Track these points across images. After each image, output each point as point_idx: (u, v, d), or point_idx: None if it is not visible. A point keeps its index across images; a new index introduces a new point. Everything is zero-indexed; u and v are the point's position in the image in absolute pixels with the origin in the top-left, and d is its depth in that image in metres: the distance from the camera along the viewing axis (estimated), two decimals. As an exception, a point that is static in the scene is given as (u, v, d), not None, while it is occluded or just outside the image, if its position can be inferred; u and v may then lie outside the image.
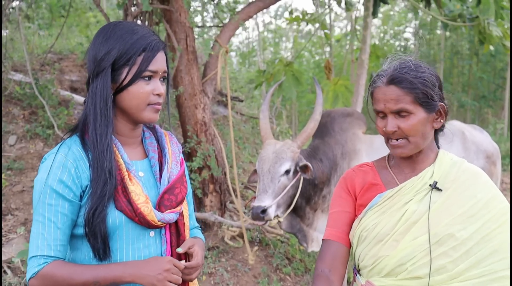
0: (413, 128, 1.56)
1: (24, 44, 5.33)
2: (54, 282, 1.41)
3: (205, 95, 4.78)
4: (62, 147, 1.49)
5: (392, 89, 1.56)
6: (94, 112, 1.48)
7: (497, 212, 1.56)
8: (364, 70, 5.73)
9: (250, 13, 4.98)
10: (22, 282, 3.55)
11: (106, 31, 1.52)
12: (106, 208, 1.44)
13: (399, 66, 1.60)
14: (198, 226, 1.86)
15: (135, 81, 1.49)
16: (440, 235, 1.52)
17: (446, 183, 1.59)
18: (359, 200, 1.68)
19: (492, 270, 1.50)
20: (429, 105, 1.57)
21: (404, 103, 1.54)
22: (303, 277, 4.58)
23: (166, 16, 4.51)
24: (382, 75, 1.60)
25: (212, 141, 4.80)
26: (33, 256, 1.42)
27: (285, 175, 3.37)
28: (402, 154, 1.61)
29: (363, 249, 1.63)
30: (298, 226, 3.71)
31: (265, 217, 3.25)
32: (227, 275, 4.23)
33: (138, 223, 1.50)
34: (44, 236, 1.42)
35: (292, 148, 3.41)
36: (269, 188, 3.31)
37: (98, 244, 1.44)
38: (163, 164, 1.63)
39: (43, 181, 1.44)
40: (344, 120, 3.83)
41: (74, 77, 6.60)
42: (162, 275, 1.43)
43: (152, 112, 1.54)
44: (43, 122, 5.27)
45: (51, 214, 1.43)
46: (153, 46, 1.51)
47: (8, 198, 4.33)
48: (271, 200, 3.28)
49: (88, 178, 1.47)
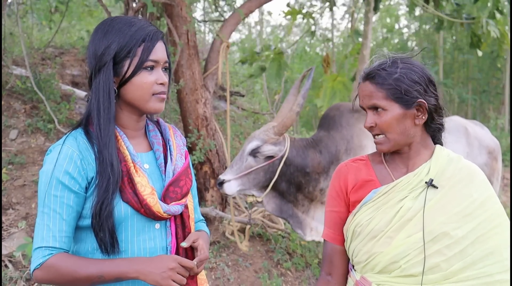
0: (388, 124, 1.56)
1: (22, 38, 5.32)
2: (58, 274, 1.41)
3: (206, 89, 4.77)
4: (68, 138, 1.50)
5: (366, 85, 1.59)
6: (97, 107, 1.48)
7: (492, 213, 1.55)
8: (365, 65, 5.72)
9: (251, 7, 4.97)
10: (24, 276, 3.55)
11: (104, 26, 1.53)
12: (112, 201, 1.44)
13: (378, 63, 1.61)
14: (203, 219, 1.86)
15: (137, 72, 1.50)
16: (434, 233, 1.51)
17: (442, 181, 1.57)
18: (353, 197, 1.67)
19: (486, 272, 1.49)
20: (404, 101, 1.55)
21: (376, 99, 1.56)
22: (303, 272, 4.58)
23: (167, 10, 4.50)
24: (364, 72, 1.63)
25: (213, 136, 4.80)
26: (38, 247, 1.43)
27: (252, 155, 3.47)
28: (382, 150, 1.63)
29: (356, 244, 1.62)
30: (290, 211, 3.73)
31: (221, 189, 3.47)
32: (228, 270, 4.23)
33: (144, 215, 1.50)
34: (50, 227, 1.43)
35: (267, 132, 3.49)
36: (235, 165, 3.49)
37: (106, 237, 1.44)
38: (168, 157, 1.63)
39: (49, 172, 1.45)
40: (352, 115, 3.83)
41: (76, 72, 6.59)
42: (167, 274, 1.43)
43: (158, 102, 1.55)
44: (44, 117, 5.27)
45: (57, 206, 1.43)
46: (152, 36, 1.52)
47: (9, 192, 4.33)
48: (232, 176, 3.45)
49: (94, 169, 1.47)
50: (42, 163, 4.54)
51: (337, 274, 1.71)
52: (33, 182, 4.49)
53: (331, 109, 3.84)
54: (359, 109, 3.94)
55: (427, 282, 1.51)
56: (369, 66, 1.65)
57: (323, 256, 1.75)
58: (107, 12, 4.36)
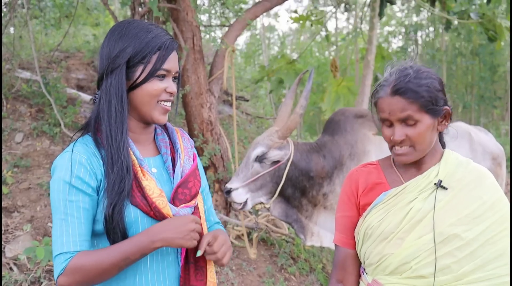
0: (421, 136, 1.55)
1: (32, 42, 5.35)
2: (83, 272, 1.39)
3: (211, 94, 4.79)
4: (75, 145, 1.50)
5: (397, 100, 1.54)
6: (108, 109, 1.49)
7: (502, 215, 1.55)
8: (370, 70, 5.73)
9: (257, 12, 5.00)
10: (28, 279, 3.56)
11: (121, 28, 1.53)
12: (125, 203, 1.45)
13: (400, 74, 1.58)
14: (219, 222, 1.86)
15: (149, 79, 1.50)
16: (445, 235, 1.52)
17: (452, 182, 1.58)
18: (363, 200, 1.68)
19: (496, 274, 1.50)
20: (435, 111, 1.56)
21: (410, 111, 1.53)
22: (308, 277, 4.58)
23: (173, 15, 4.53)
24: (385, 85, 1.59)
25: (218, 140, 4.81)
26: (58, 253, 1.41)
27: (257, 161, 3.46)
28: (407, 162, 1.61)
29: (368, 246, 1.63)
30: (295, 216, 3.73)
31: (229, 198, 3.42)
32: (232, 274, 4.23)
33: (154, 218, 1.50)
34: (69, 232, 1.42)
35: (271, 137, 3.47)
36: (242, 172, 3.45)
37: (118, 240, 1.45)
38: (176, 159, 1.63)
39: (61, 179, 1.44)
40: (356, 120, 3.83)
41: (81, 75, 6.62)
42: (189, 235, 1.46)
43: (161, 113, 1.56)
44: (50, 120, 5.30)
45: (73, 210, 1.43)
46: (168, 45, 1.53)
47: (14, 195, 4.35)
48: (239, 183, 3.41)
49: (102, 174, 1.48)
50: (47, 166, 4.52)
51: (348, 281, 1.71)
52: (38, 185, 4.51)
53: (336, 113, 3.84)
54: (363, 114, 3.94)
55: (438, 284, 1.51)
56: (384, 78, 1.62)
57: (334, 262, 1.74)
58: (114, 17, 4.39)
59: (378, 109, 1.61)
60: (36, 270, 3.64)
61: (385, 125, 1.61)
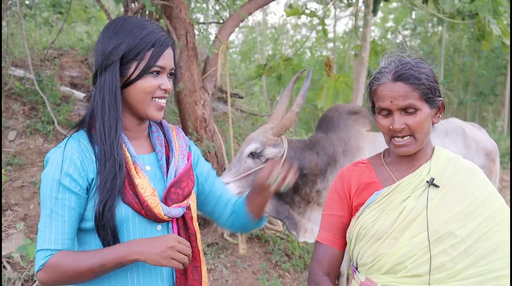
0: (420, 125, 1.54)
1: (25, 40, 5.33)
2: (60, 271, 1.40)
3: (205, 91, 4.78)
4: (68, 142, 1.49)
5: (399, 86, 1.53)
6: (102, 106, 1.49)
7: (494, 210, 1.56)
8: (364, 67, 5.72)
9: (250, 9, 4.98)
10: (22, 277, 3.56)
11: (116, 25, 1.53)
12: (116, 201, 1.44)
13: (401, 62, 1.58)
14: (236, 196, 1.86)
15: (143, 76, 1.50)
16: (439, 233, 1.52)
17: (443, 180, 1.58)
18: (356, 201, 1.67)
19: (490, 269, 1.50)
20: (433, 100, 1.57)
21: (412, 99, 1.53)
22: (302, 274, 4.59)
23: (167, 12, 4.51)
24: (385, 71, 1.57)
25: (212, 137, 4.81)
26: (40, 249, 1.42)
27: (251, 157, 3.44)
28: (407, 153, 1.59)
29: (361, 247, 1.63)
30: (287, 213, 3.71)
31: None
32: (226, 271, 4.23)
33: (145, 217, 1.50)
34: (52, 229, 1.43)
35: (266, 134, 3.47)
36: (234, 167, 3.44)
37: (108, 237, 1.45)
38: (170, 158, 1.63)
39: (50, 175, 1.45)
40: (349, 117, 3.83)
41: (74, 73, 6.60)
42: (166, 253, 1.42)
43: (156, 109, 1.55)
44: (43, 118, 5.28)
45: (58, 208, 1.43)
46: (162, 42, 1.53)
47: (7, 193, 4.34)
48: (231, 178, 3.39)
49: (94, 171, 1.47)
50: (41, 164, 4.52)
51: (333, 275, 1.71)
52: (32, 183, 4.49)
53: (329, 110, 3.84)
54: (357, 111, 3.94)
55: (433, 282, 1.51)
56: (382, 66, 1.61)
57: (318, 258, 1.71)
58: (107, 14, 4.37)
59: (377, 97, 1.59)
60: (29, 268, 3.64)
61: (381, 115, 1.59)
